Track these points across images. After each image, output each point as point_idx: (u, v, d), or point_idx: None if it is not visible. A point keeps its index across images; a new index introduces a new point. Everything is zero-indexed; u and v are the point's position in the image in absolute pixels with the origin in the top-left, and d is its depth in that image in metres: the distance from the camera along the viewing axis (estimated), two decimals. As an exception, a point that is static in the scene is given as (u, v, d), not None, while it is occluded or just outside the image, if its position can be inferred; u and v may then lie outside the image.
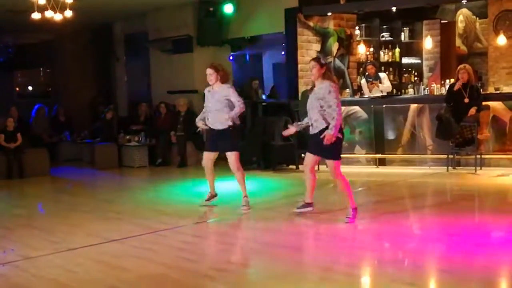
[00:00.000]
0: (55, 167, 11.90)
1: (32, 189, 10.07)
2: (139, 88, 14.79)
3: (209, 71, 6.86)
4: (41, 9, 9.29)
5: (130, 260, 5.05)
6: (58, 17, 9.43)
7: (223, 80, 6.93)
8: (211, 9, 12.05)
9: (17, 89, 18.70)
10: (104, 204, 8.14)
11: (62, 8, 9.39)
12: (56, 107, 14.68)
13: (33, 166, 10.99)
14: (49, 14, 9.31)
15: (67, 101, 15.26)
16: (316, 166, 10.30)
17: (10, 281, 4.61)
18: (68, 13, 9.42)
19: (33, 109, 14.12)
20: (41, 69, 18.35)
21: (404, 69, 12.28)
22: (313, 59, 6.30)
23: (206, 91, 7.02)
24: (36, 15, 9.33)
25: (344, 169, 10.15)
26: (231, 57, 13.20)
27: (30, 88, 19.04)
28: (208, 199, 7.18)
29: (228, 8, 11.81)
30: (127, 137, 12.29)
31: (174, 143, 12.00)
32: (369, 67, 11.06)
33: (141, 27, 13.82)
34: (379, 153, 10.40)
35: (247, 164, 10.47)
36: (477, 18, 11.61)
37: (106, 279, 4.53)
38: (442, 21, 12.06)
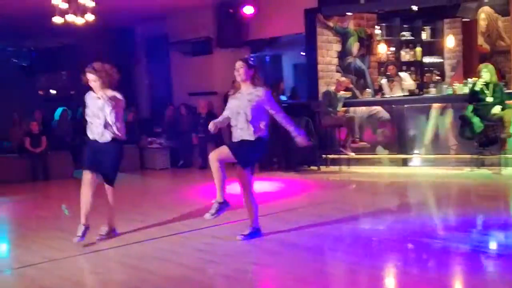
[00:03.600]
0: (78, 169, 12.01)
1: (56, 191, 10.19)
2: (161, 90, 14.88)
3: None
4: (63, 13, 9.40)
5: (153, 262, 5.07)
6: (79, 20, 9.54)
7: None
8: (231, 10, 12.08)
9: (41, 92, 18.95)
10: (127, 206, 8.19)
11: (83, 12, 9.49)
12: (80, 109, 14.83)
13: (57, 169, 11.13)
14: (71, 18, 9.42)
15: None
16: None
17: (36, 283, 4.67)
18: (90, 17, 9.52)
19: (56, 112, 14.30)
20: (64, 72, 18.56)
21: (426, 69, 12.17)
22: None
23: None
24: (58, 19, 9.44)
25: (367, 169, 10.22)
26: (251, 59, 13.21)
27: (53, 91, 19.28)
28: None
29: (248, 10, 11.82)
30: (149, 139, 12.38)
31: (195, 145, 12.05)
32: (390, 67, 11.00)
33: (161, 30, 13.91)
34: (401, 154, 10.32)
35: (268, 165, 10.50)
36: (500, 15, 11.45)
37: (129, 281, 4.56)
38: (463, 19, 11.92)
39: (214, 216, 5.59)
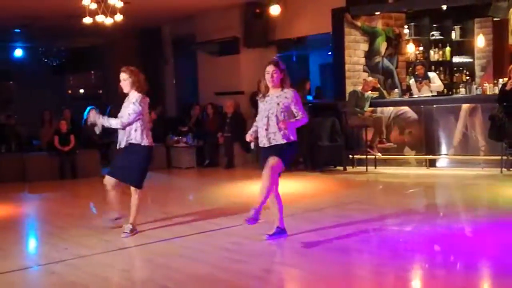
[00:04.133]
0: (106, 168, 12.15)
1: (84, 189, 10.33)
2: (187, 90, 14.98)
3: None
4: (93, 14, 9.52)
5: (179, 260, 5.11)
6: (108, 21, 9.65)
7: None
8: (258, 10, 12.08)
9: (70, 91, 19.25)
10: (154, 204, 8.27)
11: (112, 13, 9.60)
12: (109, 108, 15.02)
13: (85, 167, 11.27)
14: (100, 18, 9.53)
15: (118, 103, 15.57)
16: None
17: (64, 279, 4.74)
18: (118, 17, 9.62)
19: (85, 111, 14.47)
20: (92, 72, 18.83)
21: (455, 69, 11.99)
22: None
23: None
24: (87, 20, 9.57)
25: (394, 170, 10.12)
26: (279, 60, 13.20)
27: (81, 90, 19.57)
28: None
29: (275, 9, 11.81)
30: (176, 138, 12.46)
31: (221, 144, 12.09)
32: (418, 67, 10.86)
33: (188, 30, 13.99)
34: (429, 154, 10.19)
35: (293, 165, 10.47)
36: (531, 15, 11.24)
37: (156, 278, 4.60)
38: (494, 19, 11.71)
39: (269, 239, 5.57)
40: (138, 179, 6.04)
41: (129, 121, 5.94)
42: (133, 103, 5.99)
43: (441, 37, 11.85)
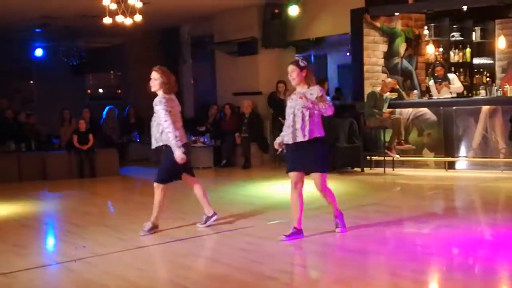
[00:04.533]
0: (125, 166, 12.26)
1: (103, 188, 10.41)
2: (205, 90, 15.01)
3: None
4: (112, 14, 9.58)
5: (195, 260, 5.13)
6: (128, 21, 9.70)
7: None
8: (276, 11, 12.08)
9: (89, 91, 19.42)
10: (171, 204, 8.27)
11: (132, 13, 9.65)
12: (128, 108, 15.13)
13: (104, 166, 11.36)
14: (119, 18, 9.59)
15: (136, 102, 15.69)
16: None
17: (82, 277, 4.78)
18: (138, 18, 9.67)
19: (104, 111, 14.62)
20: (112, 72, 18.98)
21: (476, 70, 11.87)
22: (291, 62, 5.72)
23: None
24: (107, 20, 9.63)
25: (412, 172, 10.05)
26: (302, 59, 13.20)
27: (101, 90, 19.73)
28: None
29: (293, 10, 11.80)
30: (193, 138, 12.49)
31: (238, 145, 12.11)
32: (438, 68, 10.76)
33: (207, 30, 14.03)
34: (448, 156, 10.10)
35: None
36: (554, 16, 11.08)
37: (172, 277, 4.62)
38: (516, 20, 11.58)
39: (286, 239, 5.60)
40: (159, 175, 6.20)
41: (168, 122, 5.95)
42: (157, 105, 6.05)
43: (461, 38, 11.74)
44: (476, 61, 11.89)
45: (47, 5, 11.34)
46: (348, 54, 12.57)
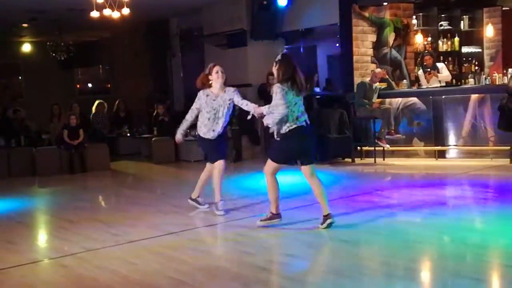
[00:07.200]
0: (115, 161, 12.22)
1: (94, 183, 10.37)
2: (195, 83, 14.92)
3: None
4: (100, 8, 9.52)
5: (187, 253, 5.12)
6: (115, 15, 9.65)
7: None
8: (265, 2, 12.03)
9: (78, 86, 19.32)
10: (163, 197, 8.30)
11: (119, 6, 9.60)
12: (117, 102, 15.06)
13: (94, 161, 11.31)
14: (107, 12, 9.53)
15: (125, 96, 15.62)
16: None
17: (74, 271, 4.78)
18: (126, 11, 9.62)
19: (93, 105, 14.53)
20: (100, 66, 18.87)
21: (464, 59, 11.91)
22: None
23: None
24: (94, 14, 9.57)
25: (402, 161, 10.09)
26: (285, 50, 13.17)
27: (90, 85, 19.62)
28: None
29: (282, 1, 11.76)
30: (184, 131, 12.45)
31: (229, 138, 12.07)
32: (427, 57, 10.79)
33: (196, 22, 13.97)
34: (438, 145, 10.15)
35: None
36: (541, 3, 11.13)
37: (164, 271, 4.62)
38: (503, 8, 11.61)
39: (264, 225, 5.74)
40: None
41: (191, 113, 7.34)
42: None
43: (450, 27, 11.76)
44: (465, 49, 11.92)
45: (33, -1, 11.26)
46: (337, 44, 12.56)
